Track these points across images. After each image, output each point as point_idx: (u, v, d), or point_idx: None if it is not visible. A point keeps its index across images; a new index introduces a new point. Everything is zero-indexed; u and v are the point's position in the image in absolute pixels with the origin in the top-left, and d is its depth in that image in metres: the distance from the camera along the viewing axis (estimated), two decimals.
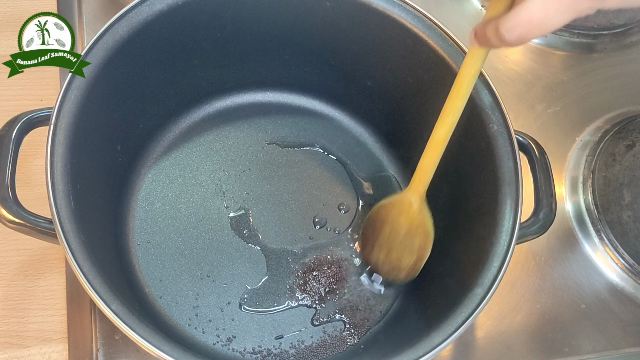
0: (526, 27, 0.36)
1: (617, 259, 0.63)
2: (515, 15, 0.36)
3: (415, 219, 0.54)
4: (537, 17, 0.35)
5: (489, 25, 0.39)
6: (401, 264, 0.56)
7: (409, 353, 0.43)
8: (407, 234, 0.55)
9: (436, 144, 0.49)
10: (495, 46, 0.40)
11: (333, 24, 0.55)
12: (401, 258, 0.56)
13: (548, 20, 0.35)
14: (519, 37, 0.37)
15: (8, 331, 0.53)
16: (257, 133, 0.63)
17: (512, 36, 0.37)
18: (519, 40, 0.37)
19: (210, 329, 0.55)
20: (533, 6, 0.35)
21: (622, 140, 0.66)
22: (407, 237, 0.55)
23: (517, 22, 0.36)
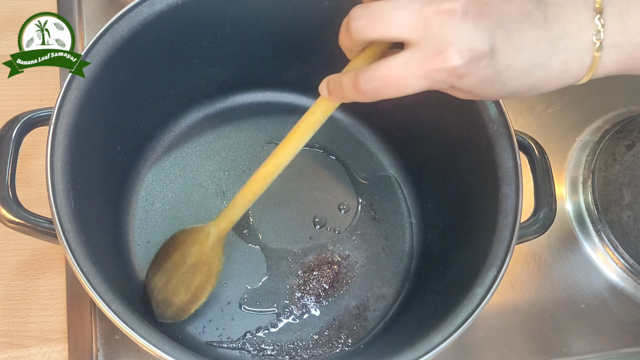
0: (383, 82, 0.36)
1: (617, 259, 0.63)
2: (376, 67, 0.36)
3: (205, 254, 0.52)
4: (397, 75, 0.36)
5: (347, 75, 0.39)
6: (174, 299, 0.52)
7: (409, 353, 0.43)
8: (192, 266, 0.52)
9: (254, 181, 0.48)
10: (347, 97, 0.39)
11: (333, 24, 0.55)
12: (176, 292, 0.52)
13: (405, 81, 0.36)
14: (374, 89, 0.37)
15: (8, 331, 0.53)
16: (257, 133, 0.63)
17: (368, 87, 0.37)
18: (373, 93, 0.37)
19: (211, 328, 0.55)
20: (395, 63, 0.36)
21: (622, 140, 0.66)
22: (190, 271, 0.52)
23: (377, 74, 0.36)
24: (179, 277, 0.53)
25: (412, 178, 0.63)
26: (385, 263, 0.59)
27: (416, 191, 0.62)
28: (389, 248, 0.60)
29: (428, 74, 0.35)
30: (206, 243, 0.52)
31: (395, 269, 0.59)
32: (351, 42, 0.38)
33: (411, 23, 0.35)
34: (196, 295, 0.52)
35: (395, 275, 0.59)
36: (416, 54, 0.35)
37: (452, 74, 0.35)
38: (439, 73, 0.35)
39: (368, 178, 0.63)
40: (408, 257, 0.60)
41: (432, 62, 0.35)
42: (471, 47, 0.34)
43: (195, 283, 0.52)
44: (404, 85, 0.36)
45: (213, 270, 0.53)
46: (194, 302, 0.53)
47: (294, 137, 0.45)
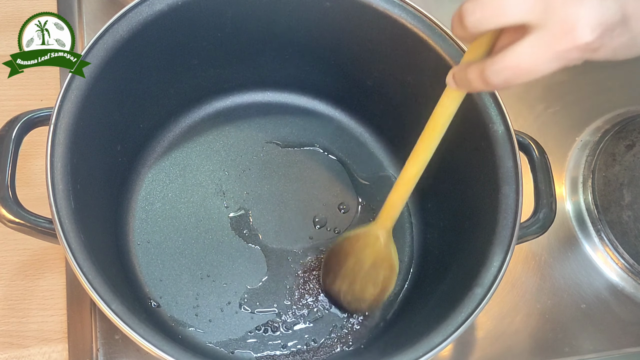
0: (514, 72, 0.36)
1: (617, 259, 0.63)
2: (504, 58, 0.36)
3: (381, 253, 0.54)
4: (526, 62, 0.35)
5: (472, 68, 0.38)
6: (364, 295, 0.55)
7: (409, 353, 0.43)
8: (371, 266, 0.54)
9: (407, 181, 0.49)
10: (477, 89, 0.39)
11: (333, 24, 0.55)
12: (364, 289, 0.55)
13: (536, 67, 0.35)
14: (505, 80, 0.36)
15: (8, 331, 0.53)
16: (257, 133, 0.63)
17: (498, 79, 0.36)
18: (504, 84, 0.37)
19: (211, 328, 0.55)
20: (523, 51, 0.35)
21: (622, 140, 0.66)
22: (371, 270, 0.54)
23: (505, 65, 0.36)
24: (362, 277, 0.55)
25: None
26: None
27: (416, 191, 0.62)
28: None
29: (560, 55, 0.34)
30: (378, 244, 0.53)
31: None
32: (468, 34, 0.37)
33: (530, 7, 0.34)
34: (385, 287, 0.55)
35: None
36: (543, 37, 0.34)
37: (586, 50, 0.34)
38: (570, 52, 0.34)
39: (368, 178, 0.63)
40: (408, 257, 0.60)
41: (562, 42, 0.34)
42: (601, 20, 0.33)
43: (380, 278, 0.54)
44: (535, 71, 0.35)
45: (394, 263, 0.54)
46: (385, 292, 0.55)
47: (435, 132, 0.45)
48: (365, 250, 0.54)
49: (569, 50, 0.34)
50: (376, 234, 0.53)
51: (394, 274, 0.54)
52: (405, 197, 0.51)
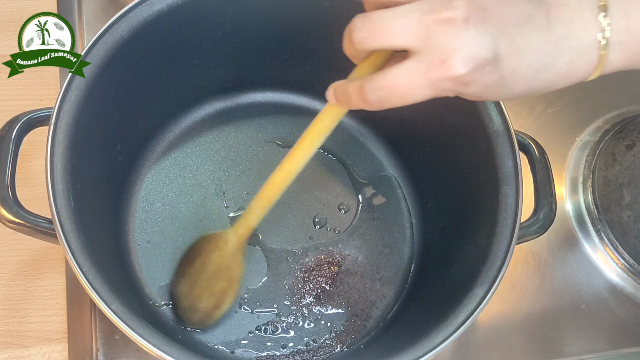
0: (389, 92, 0.36)
1: (617, 259, 0.63)
2: (381, 77, 0.36)
3: (225, 260, 0.53)
4: (402, 84, 0.36)
5: (353, 84, 0.39)
6: (199, 304, 0.53)
7: (409, 353, 0.43)
8: (213, 272, 0.53)
9: (270, 187, 0.49)
10: (354, 105, 0.39)
11: (332, 24, 0.55)
12: (200, 298, 0.53)
13: (411, 90, 0.36)
14: (380, 99, 0.37)
15: (8, 331, 0.53)
16: (257, 133, 0.63)
17: (374, 97, 0.37)
18: (379, 103, 0.37)
19: (211, 328, 0.54)
20: (400, 73, 0.35)
21: (622, 140, 0.66)
22: (212, 277, 0.53)
23: (382, 85, 0.36)
24: (201, 283, 0.53)
25: (412, 178, 0.63)
26: (385, 263, 0.59)
27: (416, 191, 0.62)
28: (389, 248, 0.60)
29: (433, 83, 0.35)
30: (225, 249, 0.53)
31: (396, 269, 0.59)
32: (355, 51, 0.38)
33: (412, 33, 0.35)
34: (219, 302, 0.53)
35: (395, 275, 0.59)
36: (419, 64, 0.35)
37: (457, 83, 0.35)
38: (443, 82, 0.35)
39: (368, 178, 0.63)
40: (408, 257, 0.60)
41: (436, 71, 0.34)
42: (474, 55, 0.34)
43: (217, 289, 0.53)
44: (409, 95, 0.36)
45: (234, 277, 0.53)
46: (217, 309, 0.53)
47: (305, 143, 0.45)
48: (213, 253, 0.53)
49: (442, 80, 0.35)
50: (227, 238, 0.53)
51: (232, 289, 0.53)
52: (267, 205, 0.50)
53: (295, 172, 0.47)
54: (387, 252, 0.60)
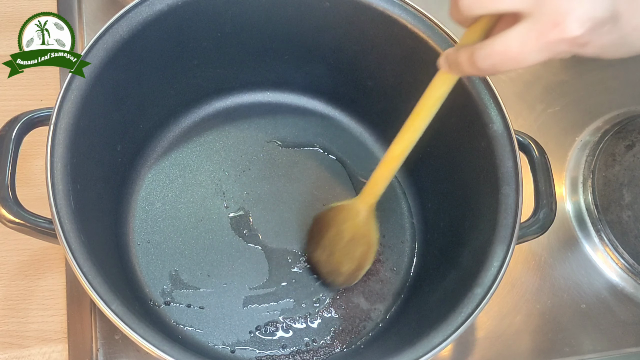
0: (501, 58, 0.36)
1: (617, 259, 0.63)
2: (493, 44, 0.36)
3: (360, 229, 0.54)
4: (514, 50, 0.35)
5: (463, 51, 0.38)
6: (341, 269, 0.55)
7: (409, 353, 0.43)
8: (350, 240, 0.55)
9: (391, 159, 0.49)
10: (466, 73, 0.39)
11: (333, 24, 0.55)
12: (342, 263, 0.55)
13: (523, 55, 0.35)
14: (492, 65, 0.36)
15: (8, 331, 0.53)
16: (257, 133, 0.63)
17: (486, 64, 0.36)
18: (491, 69, 0.37)
19: (211, 328, 0.54)
20: (511, 39, 0.35)
21: (622, 140, 0.66)
22: (349, 244, 0.55)
23: (493, 51, 0.36)
24: (340, 250, 0.55)
25: (412, 178, 0.63)
26: (385, 263, 0.59)
27: (416, 191, 0.62)
28: (389, 248, 0.60)
29: (547, 46, 0.34)
30: (358, 219, 0.54)
31: (396, 268, 0.59)
32: (462, 17, 0.38)
33: None
34: (361, 263, 0.55)
35: (395, 275, 0.59)
36: (532, 27, 0.34)
37: (573, 44, 0.34)
38: (558, 44, 0.34)
39: (368, 178, 0.63)
40: (408, 257, 0.60)
41: (551, 34, 0.33)
42: (591, 15, 0.33)
43: (357, 254, 0.55)
44: (523, 60, 0.35)
45: (372, 241, 0.54)
46: (360, 269, 0.55)
47: (423, 113, 0.46)
48: (345, 223, 0.54)
49: (557, 43, 0.34)
50: (357, 209, 0.54)
51: (371, 251, 0.55)
52: (390, 174, 0.51)
53: (414, 142, 0.48)
54: (387, 252, 0.60)
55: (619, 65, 0.73)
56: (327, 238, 0.56)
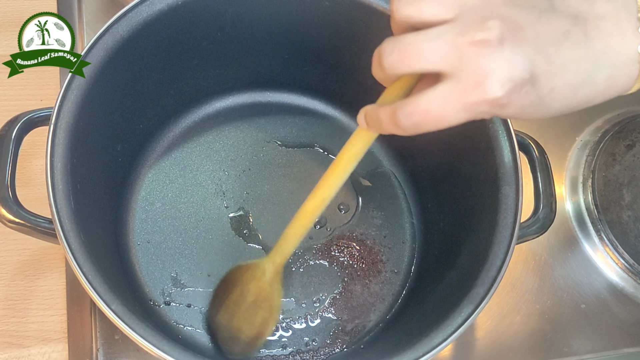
0: (423, 117, 0.35)
1: (617, 259, 0.63)
2: (415, 102, 0.35)
3: (264, 290, 0.52)
4: (436, 109, 0.34)
5: (384, 109, 0.37)
6: (240, 335, 0.52)
7: (409, 353, 0.43)
8: (252, 303, 0.52)
9: (303, 215, 0.47)
10: (386, 131, 0.38)
11: (332, 24, 0.55)
12: (241, 328, 0.52)
13: (445, 115, 0.35)
14: (414, 124, 0.36)
15: (8, 331, 0.53)
16: (257, 133, 0.63)
17: (408, 122, 0.36)
18: (413, 128, 0.36)
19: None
20: (434, 98, 0.34)
21: (622, 140, 0.66)
22: (251, 307, 0.52)
23: (416, 109, 0.35)
24: (241, 314, 0.52)
25: (413, 178, 0.63)
26: (385, 263, 0.59)
27: (416, 191, 0.62)
28: (389, 248, 0.60)
29: (468, 107, 0.34)
30: (263, 279, 0.52)
31: (396, 269, 0.59)
32: (385, 76, 0.37)
33: (445, 56, 0.33)
34: (261, 331, 0.52)
35: (395, 275, 0.59)
36: (454, 87, 0.34)
37: (494, 105, 0.34)
38: (479, 105, 0.34)
39: (368, 177, 0.63)
40: (408, 257, 0.60)
41: (472, 94, 0.33)
42: (511, 76, 0.33)
43: (258, 319, 0.52)
44: (444, 119, 0.35)
45: (274, 305, 0.52)
46: (259, 338, 0.53)
47: (338, 170, 0.44)
48: (250, 283, 0.52)
49: (478, 104, 0.34)
50: (264, 268, 0.52)
51: (272, 319, 0.52)
52: (302, 232, 0.49)
53: (329, 199, 0.46)
54: (387, 252, 0.60)
55: None
56: (231, 299, 0.53)
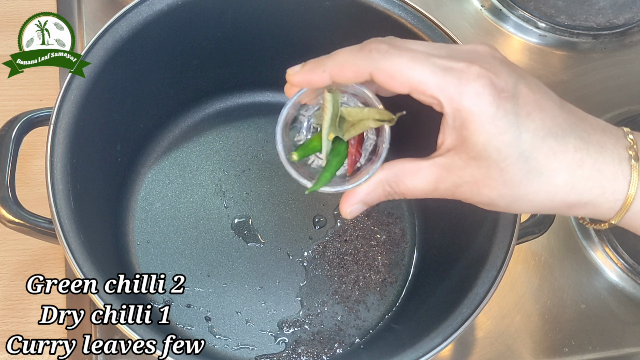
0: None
1: (617, 259, 0.63)
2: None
3: None
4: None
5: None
6: None
7: (409, 353, 0.43)
8: None
9: None
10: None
11: (333, 24, 0.55)
12: None
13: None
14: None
15: (8, 331, 0.53)
16: (257, 133, 0.63)
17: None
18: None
19: (210, 328, 0.55)
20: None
21: None
22: None
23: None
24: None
25: None
26: (385, 263, 0.59)
27: None
28: (389, 248, 0.60)
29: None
30: None
31: (396, 269, 0.59)
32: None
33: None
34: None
35: (395, 275, 0.59)
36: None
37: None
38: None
39: None
40: (408, 257, 0.60)
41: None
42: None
43: None
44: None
45: None
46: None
47: None
48: None
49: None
50: None
51: None
52: None
53: None
54: (387, 252, 0.60)
55: (619, 65, 0.73)
56: None
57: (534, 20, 0.73)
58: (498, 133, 0.34)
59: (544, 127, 0.34)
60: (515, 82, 0.35)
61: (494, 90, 0.34)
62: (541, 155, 0.34)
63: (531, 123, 0.34)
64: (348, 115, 0.39)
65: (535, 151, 0.34)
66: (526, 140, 0.34)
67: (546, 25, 0.73)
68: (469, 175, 0.35)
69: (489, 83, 0.34)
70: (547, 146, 0.34)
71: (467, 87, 0.34)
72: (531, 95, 0.35)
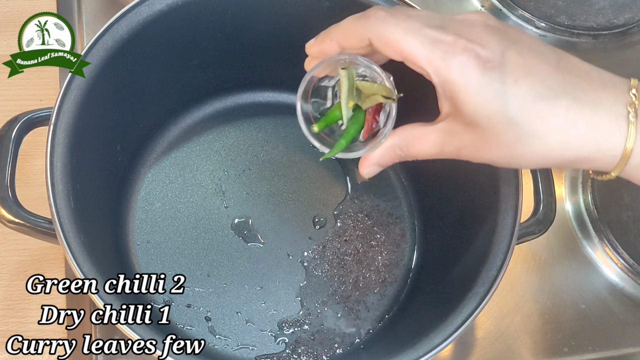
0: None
1: (616, 259, 0.63)
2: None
3: None
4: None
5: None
6: None
7: (409, 353, 0.43)
8: None
9: None
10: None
11: (332, 24, 0.55)
12: None
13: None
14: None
15: (8, 331, 0.53)
16: (257, 133, 0.63)
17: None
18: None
19: (209, 328, 0.55)
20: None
21: None
22: None
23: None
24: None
25: (412, 178, 0.63)
26: (385, 263, 0.59)
27: (416, 191, 0.62)
28: (389, 248, 0.60)
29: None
30: None
31: (396, 269, 0.59)
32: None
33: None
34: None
35: (395, 275, 0.59)
36: None
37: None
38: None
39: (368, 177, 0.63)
40: (408, 257, 0.60)
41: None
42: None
43: None
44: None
45: None
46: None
47: None
48: None
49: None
50: None
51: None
52: None
53: None
54: (387, 252, 0.60)
55: (619, 65, 0.73)
56: None
57: (534, 20, 0.73)
58: (485, 101, 0.35)
59: (532, 92, 0.35)
60: (504, 50, 0.36)
61: (479, 61, 0.35)
62: (532, 119, 0.35)
63: (518, 89, 0.35)
64: (363, 88, 0.42)
65: (525, 115, 0.35)
66: (514, 106, 0.35)
67: (546, 26, 0.73)
68: (468, 139, 0.38)
69: (474, 55, 0.35)
70: (537, 109, 0.35)
71: (453, 60, 0.35)
72: (520, 61, 0.36)
